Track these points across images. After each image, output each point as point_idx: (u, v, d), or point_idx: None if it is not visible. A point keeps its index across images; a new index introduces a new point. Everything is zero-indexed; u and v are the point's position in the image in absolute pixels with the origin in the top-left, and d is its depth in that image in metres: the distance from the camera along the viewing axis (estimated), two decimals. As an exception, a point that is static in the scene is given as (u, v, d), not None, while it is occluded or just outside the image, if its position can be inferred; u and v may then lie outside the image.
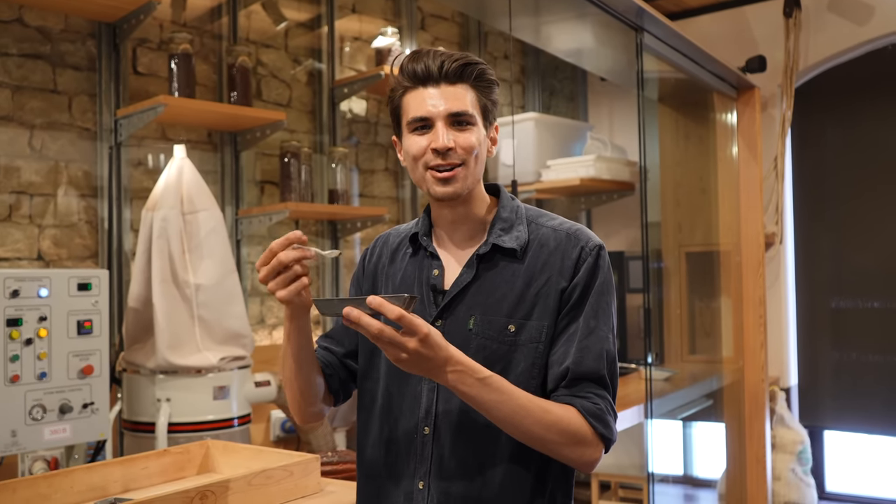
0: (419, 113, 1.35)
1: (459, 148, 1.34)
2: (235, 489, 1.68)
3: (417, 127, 1.36)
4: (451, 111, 1.34)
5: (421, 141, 1.35)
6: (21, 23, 2.79)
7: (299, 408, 1.46)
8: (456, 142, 1.34)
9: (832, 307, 4.63)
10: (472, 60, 1.37)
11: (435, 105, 1.34)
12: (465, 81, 1.36)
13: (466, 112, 1.35)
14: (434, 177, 1.35)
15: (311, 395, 1.45)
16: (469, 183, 1.37)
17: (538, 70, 5.09)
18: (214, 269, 2.70)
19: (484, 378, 1.24)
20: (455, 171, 1.34)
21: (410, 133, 1.37)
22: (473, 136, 1.35)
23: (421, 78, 1.35)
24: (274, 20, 3.57)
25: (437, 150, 1.33)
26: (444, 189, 1.35)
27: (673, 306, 4.22)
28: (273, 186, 3.49)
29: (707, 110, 4.19)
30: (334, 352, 1.51)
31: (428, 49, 1.38)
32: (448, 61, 1.34)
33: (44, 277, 2.27)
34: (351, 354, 1.52)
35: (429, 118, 1.34)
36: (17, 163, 2.76)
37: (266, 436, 3.22)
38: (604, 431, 1.30)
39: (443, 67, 1.34)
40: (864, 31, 4.30)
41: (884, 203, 4.47)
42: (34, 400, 2.23)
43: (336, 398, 1.52)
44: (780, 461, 4.22)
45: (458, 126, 1.35)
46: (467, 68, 1.35)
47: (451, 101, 1.34)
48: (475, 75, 1.36)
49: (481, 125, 1.38)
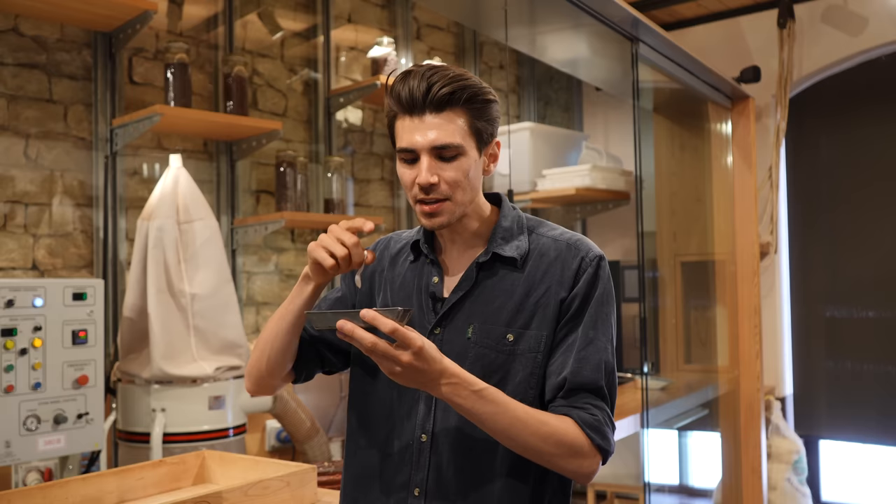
0: (404, 144, 1.33)
1: (444, 183, 1.31)
2: (232, 500, 1.67)
3: (405, 158, 1.34)
4: (434, 144, 1.30)
5: (408, 173, 1.34)
6: (17, 32, 2.78)
7: (260, 374, 1.46)
8: (441, 176, 1.31)
9: (827, 316, 4.63)
10: (462, 84, 1.30)
11: (419, 137, 1.31)
12: (455, 106, 1.30)
13: (451, 144, 1.30)
14: (422, 209, 1.34)
15: (279, 365, 1.44)
16: (458, 213, 1.35)
17: (534, 80, 5.10)
18: (210, 279, 2.70)
19: (479, 390, 1.23)
20: (440, 205, 1.33)
21: (400, 161, 1.36)
22: (460, 168, 1.32)
23: (406, 106, 1.31)
24: (270, 30, 3.58)
25: (420, 185, 1.32)
26: (430, 222, 1.35)
27: (668, 316, 4.23)
28: (269, 196, 3.48)
29: (702, 120, 4.20)
30: (308, 330, 1.49)
31: (419, 69, 1.33)
32: (436, 86, 1.29)
33: (38, 287, 2.26)
34: (324, 341, 1.49)
35: (414, 150, 1.32)
36: (12, 172, 2.75)
37: (261, 446, 3.20)
38: (601, 443, 1.30)
39: (429, 94, 1.29)
40: (857, 42, 4.33)
41: (878, 212, 4.49)
42: (28, 410, 2.22)
43: (297, 376, 1.50)
44: (776, 470, 4.21)
45: (444, 159, 1.32)
46: (455, 94, 1.30)
47: (436, 133, 1.30)
48: (465, 99, 1.31)
49: (473, 149, 1.34)
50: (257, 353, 1.45)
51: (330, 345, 1.50)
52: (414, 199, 1.35)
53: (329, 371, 1.54)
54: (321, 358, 1.51)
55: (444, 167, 1.31)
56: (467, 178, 1.33)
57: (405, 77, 1.32)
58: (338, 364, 1.52)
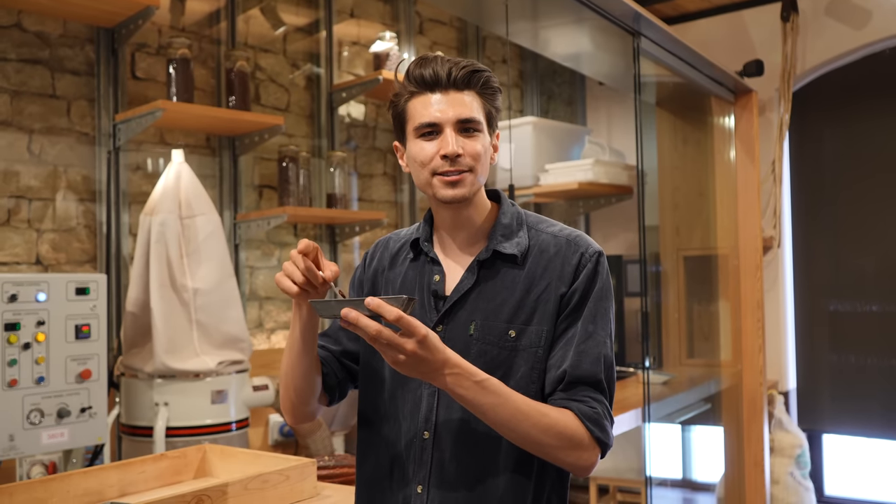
0: (427, 119, 1.34)
1: (467, 155, 1.34)
2: (232, 493, 1.68)
3: (425, 133, 1.35)
4: (460, 117, 1.34)
5: (429, 147, 1.35)
6: (20, 28, 2.79)
7: (293, 405, 1.45)
8: (464, 148, 1.34)
9: (830, 310, 4.63)
10: (479, 68, 1.37)
11: (444, 111, 1.34)
12: (472, 88, 1.36)
13: (475, 119, 1.35)
14: (442, 181, 1.35)
15: (306, 392, 1.43)
16: (476, 188, 1.37)
17: (536, 74, 5.10)
18: (212, 274, 2.71)
19: (481, 381, 1.24)
20: (463, 175, 1.34)
21: (417, 138, 1.36)
22: (480, 143, 1.36)
23: (429, 83, 1.35)
24: (272, 25, 3.58)
25: (446, 155, 1.33)
26: (452, 192, 1.35)
27: (671, 310, 4.23)
28: (271, 191, 3.49)
29: (705, 114, 4.19)
30: (331, 350, 1.50)
31: (434, 55, 1.38)
32: (456, 68, 1.35)
33: (42, 282, 2.27)
34: (348, 353, 1.50)
35: (438, 124, 1.34)
36: (15, 167, 2.76)
37: (264, 440, 3.21)
38: (600, 435, 1.31)
39: (451, 74, 1.34)
40: (861, 35, 4.31)
41: (882, 206, 4.48)
42: (32, 404, 2.23)
43: (331, 397, 1.50)
44: (779, 465, 4.22)
45: (466, 133, 1.35)
46: (475, 76, 1.36)
47: (459, 108, 1.34)
48: (481, 83, 1.37)
49: (486, 132, 1.38)
50: (283, 388, 1.45)
51: (356, 357, 1.51)
52: (433, 172, 1.35)
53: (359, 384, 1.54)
54: (350, 374, 1.51)
55: (465, 141, 1.35)
56: (486, 155, 1.38)
57: (423, 60, 1.37)
58: None
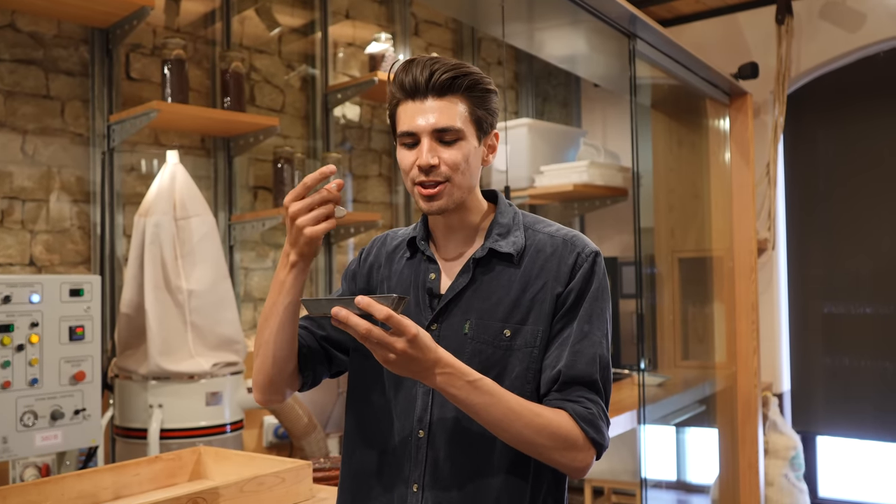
0: (405, 127, 1.34)
1: (444, 165, 1.33)
2: (227, 496, 1.68)
3: (406, 142, 1.36)
4: (436, 127, 1.32)
5: (409, 156, 1.35)
6: (14, 28, 2.78)
7: (270, 378, 1.39)
8: (441, 158, 1.33)
9: (824, 312, 4.64)
10: (464, 71, 1.34)
11: (421, 120, 1.33)
12: (456, 93, 1.33)
13: (452, 128, 1.32)
14: (420, 193, 1.35)
15: (284, 363, 1.38)
16: (456, 197, 1.36)
17: (531, 76, 5.10)
18: (207, 275, 2.70)
19: (473, 381, 1.24)
20: (439, 187, 1.33)
21: (401, 146, 1.37)
22: (460, 151, 1.34)
23: (409, 91, 1.34)
24: (267, 26, 3.57)
25: (420, 167, 1.33)
26: (428, 205, 1.35)
27: (666, 312, 4.23)
28: (266, 192, 3.48)
29: (700, 116, 4.20)
30: (314, 332, 1.46)
31: (422, 58, 1.36)
32: (438, 73, 1.32)
33: (35, 283, 2.26)
34: (331, 340, 1.46)
35: (415, 133, 1.34)
36: (9, 168, 2.75)
37: (259, 442, 3.21)
38: (595, 436, 1.30)
39: (431, 79, 1.32)
40: (855, 38, 4.33)
41: (876, 208, 4.49)
42: (25, 406, 2.22)
43: (304, 381, 1.45)
44: (773, 467, 4.22)
45: (444, 142, 1.33)
46: (457, 80, 1.33)
47: (437, 116, 1.32)
48: (466, 86, 1.34)
49: (473, 137, 1.36)
50: (261, 359, 1.39)
51: (338, 344, 1.47)
52: (413, 182, 1.35)
53: (336, 373, 1.51)
54: (329, 359, 1.47)
55: (443, 150, 1.33)
56: (467, 163, 1.35)
57: (408, 65, 1.36)
58: (345, 364, 1.50)
